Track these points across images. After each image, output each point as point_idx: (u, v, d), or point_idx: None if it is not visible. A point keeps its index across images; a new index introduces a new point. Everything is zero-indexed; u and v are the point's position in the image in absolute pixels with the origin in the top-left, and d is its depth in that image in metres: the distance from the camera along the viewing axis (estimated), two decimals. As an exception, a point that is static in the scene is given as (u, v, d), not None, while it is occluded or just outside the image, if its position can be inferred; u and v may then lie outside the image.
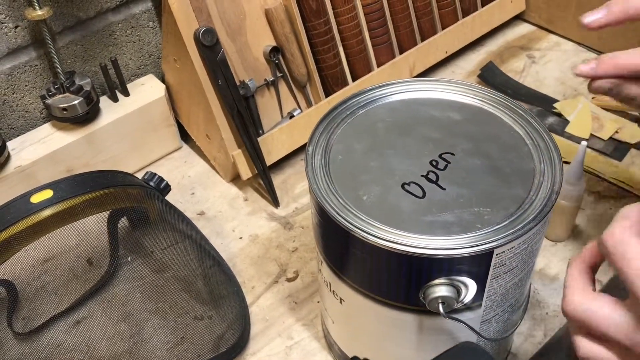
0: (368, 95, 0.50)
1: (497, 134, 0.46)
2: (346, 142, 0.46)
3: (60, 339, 0.57)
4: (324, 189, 0.42)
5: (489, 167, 0.44)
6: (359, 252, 0.41)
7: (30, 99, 0.69)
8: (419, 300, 0.41)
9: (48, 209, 0.51)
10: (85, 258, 0.61)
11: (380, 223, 0.40)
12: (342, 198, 0.42)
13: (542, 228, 0.41)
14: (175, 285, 0.60)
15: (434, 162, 0.44)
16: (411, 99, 0.49)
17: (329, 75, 0.75)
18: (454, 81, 0.50)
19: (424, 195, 0.42)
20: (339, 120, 0.48)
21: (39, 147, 0.67)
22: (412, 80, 0.51)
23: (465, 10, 0.87)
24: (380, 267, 0.41)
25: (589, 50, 0.89)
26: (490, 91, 0.49)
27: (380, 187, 0.43)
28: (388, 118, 0.48)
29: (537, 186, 0.42)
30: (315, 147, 0.45)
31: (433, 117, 0.48)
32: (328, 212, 0.41)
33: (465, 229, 0.39)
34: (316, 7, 0.71)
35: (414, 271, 0.40)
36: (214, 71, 0.65)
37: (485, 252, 0.38)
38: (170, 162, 0.77)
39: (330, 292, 0.48)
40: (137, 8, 0.73)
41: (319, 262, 0.48)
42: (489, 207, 0.41)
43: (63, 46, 0.69)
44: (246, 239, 0.68)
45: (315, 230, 0.47)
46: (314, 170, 0.44)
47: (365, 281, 0.43)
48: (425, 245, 0.38)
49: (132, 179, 0.59)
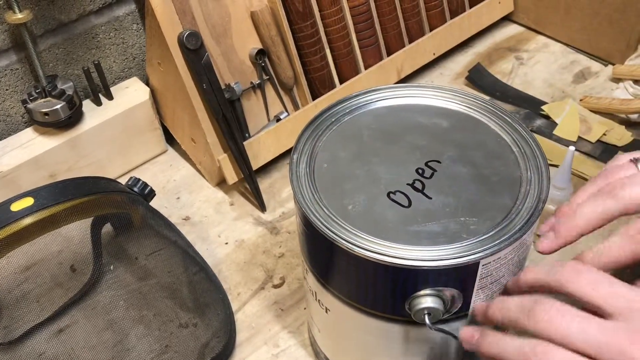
0: (353, 101, 0.49)
1: (484, 141, 0.46)
2: (331, 149, 0.45)
3: (42, 348, 0.56)
4: (309, 198, 0.42)
5: (475, 175, 0.43)
6: (344, 263, 0.41)
7: (12, 103, 0.68)
8: (405, 311, 0.41)
9: (28, 217, 0.50)
10: (69, 265, 0.60)
11: (365, 233, 0.39)
12: (327, 208, 0.41)
13: (528, 237, 0.41)
14: (160, 293, 0.60)
15: (420, 170, 0.43)
16: (397, 106, 0.49)
17: (316, 78, 0.74)
18: (441, 87, 0.49)
19: (409, 204, 0.41)
20: (324, 127, 0.47)
21: (20, 152, 0.66)
22: (398, 86, 0.50)
23: (453, 12, 0.87)
24: (366, 278, 0.41)
25: (578, 51, 0.89)
26: (478, 97, 0.48)
27: (366, 196, 0.42)
28: (374, 125, 0.47)
29: (524, 195, 0.41)
30: (299, 156, 0.45)
31: (419, 124, 0.47)
32: (313, 222, 0.40)
33: (451, 240, 0.39)
34: (302, 9, 0.70)
35: (400, 282, 0.39)
36: (199, 75, 0.64)
37: (471, 263, 0.38)
38: (155, 165, 0.77)
39: (316, 300, 0.47)
40: (121, 10, 0.72)
41: (305, 270, 0.48)
42: (475, 217, 0.40)
43: (44, 49, 0.68)
44: (232, 244, 0.67)
45: (300, 239, 0.46)
46: (299, 180, 0.43)
47: (351, 291, 0.43)
48: (411, 257, 0.38)
49: (115, 185, 0.58)
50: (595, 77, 0.85)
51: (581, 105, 0.79)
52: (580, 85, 0.84)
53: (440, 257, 0.38)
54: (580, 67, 0.87)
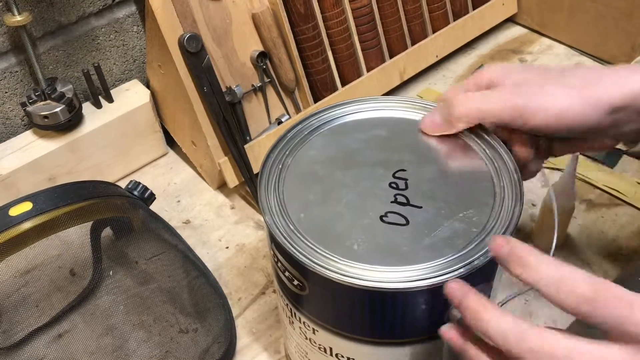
0: (289, 140, 0.46)
1: (425, 138, 0.46)
2: (297, 197, 0.42)
3: (41, 353, 0.56)
4: (310, 256, 0.38)
5: (442, 170, 0.43)
6: (398, 306, 0.38)
7: (11, 105, 0.68)
8: (442, 322, 0.39)
9: (27, 222, 0.50)
10: (68, 269, 0.59)
11: (392, 267, 0.37)
12: (332, 257, 0.38)
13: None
14: (160, 297, 0.59)
15: (393, 185, 0.42)
16: (331, 129, 0.47)
17: (318, 81, 0.74)
18: (361, 99, 0.48)
19: (407, 221, 0.40)
20: (274, 177, 0.44)
21: (19, 155, 0.65)
22: (317, 112, 0.48)
23: (456, 14, 0.86)
24: (423, 307, 0.39)
25: (582, 54, 0.88)
26: (398, 98, 0.48)
27: (362, 229, 0.40)
28: (320, 157, 0.45)
29: (496, 170, 0.42)
30: (272, 215, 0.41)
31: (362, 140, 0.46)
32: (337, 279, 0.37)
33: (466, 238, 0.38)
34: (304, 11, 0.70)
35: (440, 301, 0.38)
36: (199, 78, 0.64)
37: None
38: (155, 168, 0.76)
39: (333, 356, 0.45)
40: (121, 12, 0.71)
41: (313, 329, 0.44)
42: (470, 208, 0.40)
43: (44, 52, 0.68)
44: (232, 248, 0.66)
45: (322, 305, 0.41)
46: (291, 241, 0.39)
47: (412, 328, 0.41)
48: (448, 269, 0.36)
49: (115, 189, 0.57)
50: (599, 79, 0.84)
51: (585, 108, 0.78)
52: (584, 88, 0.83)
53: (473, 258, 0.37)
54: (584, 69, 0.86)
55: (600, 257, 0.63)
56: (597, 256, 0.63)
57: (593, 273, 0.60)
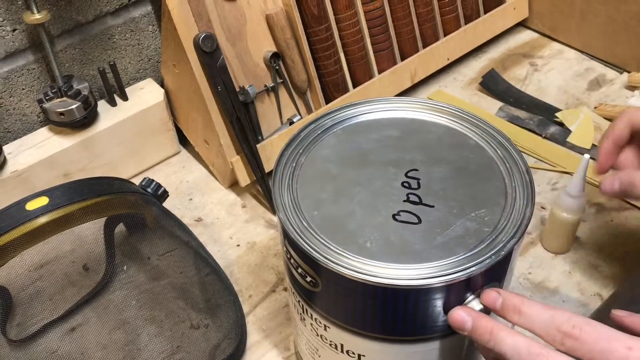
0: (303, 138, 0.47)
1: (439, 137, 0.46)
2: (310, 195, 0.42)
3: (54, 346, 0.56)
4: (324, 253, 0.39)
5: (454, 169, 0.43)
6: (412, 302, 0.39)
7: (28, 102, 0.69)
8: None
9: (43, 217, 0.50)
10: (81, 264, 0.60)
11: (405, 264, 0.37)
12: (346, 254, 0.38)
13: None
14: (172, 293, 0.60)
15: (406, 184, 0.43)
16: (345, 128, 0.47)
17: (330, 82, 0.74)
18: (373, 100, 0.49)
19: (419, 220, 0.40)
20: (288, 173, 0.44)
21: (35, 151, 0.66)
22: (331, 111, 0.48)
23: (468, 17, 0.87)
24: (426, 307, 0.39)
25: (593, 58, 0.89)
26: (411, 99, 0.49)
27: (375, 227, 0.40)
28: (333, 156, 0.45)
29: (507, 171, 0.43)
30: (285, 212, 0.41)
31: (374, 140, 0.46)
32: (354, 277, 0.37)
33: (479, 237, 0.39)
34: (318, 12, 0.71)
35: (454, 295, 0.38)
36: (214, 77, 0.65)
37: (509, 251, 0.38)
38: (168, 167, 0.77)
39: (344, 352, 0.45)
40: (137, 12, 0.72)
41: (325, 326, 0.44)
42: (482, 208, 0.40)
43: (61, 50, 0.69)
44: (244, 246, 0.67)
45: (340, 304, 0.41)
46: (304, 237, 0.39)
47: (425, 326, 0.41)
48: (462, 267, 0.37)
49: (129, 185, 0.58)
50: (610, 84, 0.84)
51: (596, 112, 0.79)
52: (595, 93, 0.83)
53: (485, 257, 0.37)
54: (595, 74, 0.87)
55: (609, 260, 0.63)
56: (606, 259, 0.63)
57: (602, 276, 0.61)
